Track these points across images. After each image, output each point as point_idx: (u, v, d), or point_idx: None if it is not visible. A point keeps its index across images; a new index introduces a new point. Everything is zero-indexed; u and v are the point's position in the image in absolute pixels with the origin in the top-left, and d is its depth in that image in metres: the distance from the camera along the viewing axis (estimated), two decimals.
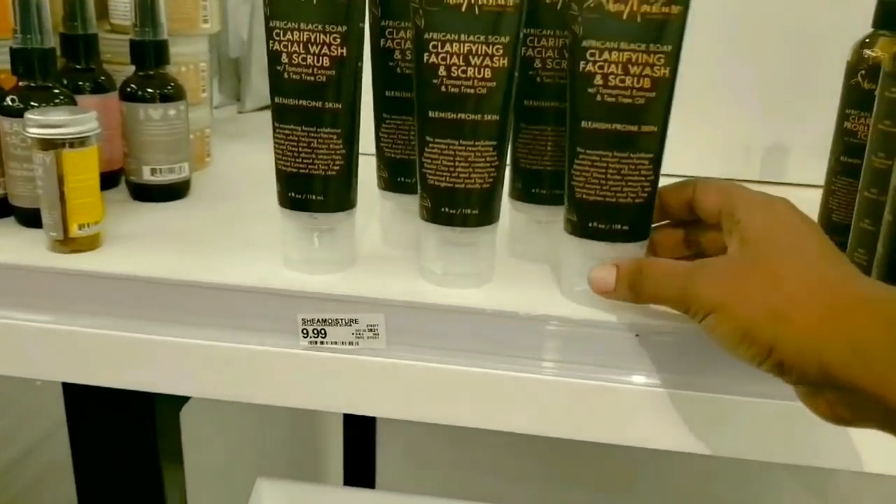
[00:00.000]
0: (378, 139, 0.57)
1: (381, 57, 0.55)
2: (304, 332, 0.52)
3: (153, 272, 0.53)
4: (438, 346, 0.52)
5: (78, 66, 0.64)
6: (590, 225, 0.50)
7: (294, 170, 0.51)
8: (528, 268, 0.57)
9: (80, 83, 0.63)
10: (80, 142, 0.52)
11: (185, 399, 0.61)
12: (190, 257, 0.55)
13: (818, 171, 0.61)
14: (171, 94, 0.63)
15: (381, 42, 0.55)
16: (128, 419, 0.59)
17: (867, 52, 0.56)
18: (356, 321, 0.52)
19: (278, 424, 1.10)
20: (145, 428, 0.59)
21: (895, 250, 0.49)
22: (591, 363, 0.51)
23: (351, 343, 0.52)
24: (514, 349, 0.51)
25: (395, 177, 0.57)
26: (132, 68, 0.64)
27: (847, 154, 0.58)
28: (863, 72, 0.56)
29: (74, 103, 0.57)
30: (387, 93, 0.56)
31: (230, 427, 1.03)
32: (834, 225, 0.59)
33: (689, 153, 0.70)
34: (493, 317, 0.51)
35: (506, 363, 0.52)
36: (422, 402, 0.53)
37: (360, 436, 1.04)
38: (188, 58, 0.70)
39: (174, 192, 0.66)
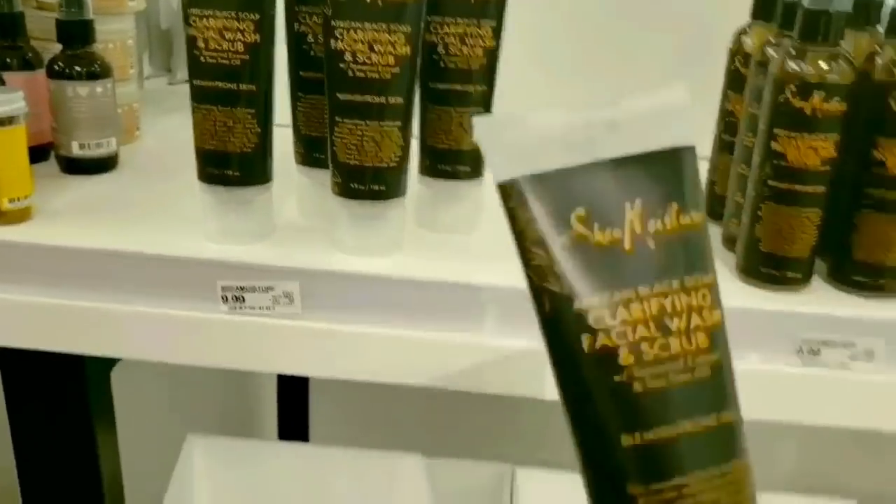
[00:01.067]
0: (294, 117, 0.61)
1: (296, 40, 0.59)
2: (224, 298, 0.56)
3: (81, 243, 0.57)
4: (350, 310, 0.56)
5: (5, 44, 0.66)
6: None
7: (212, 147, 0.54)
8: (435, 238, 0.61)
9: (8, 60, 0.66)
10: (7, 120, 0.55)
11: (115, 360, 0.65)
12: (116, 228, 0.59)
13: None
14: (97, 72, 0.66)
15: (296, 26, 0.58)
16: (59, 381, 0.62)
17: (744, 39, 0.62)
18: (272, 288, 0.56)
19: (211, 383, 1.14)
20: (77, 389, 0.62)
21: (755, 221, 0.55)
22: (487, 323, 0.56)
23: (268, 308, 0.56)
24: (419, 312, 0.56)
25: (311, 153, 0.61)
26: (60, 45, 0.66)
27: (727, 132, 0.63)
28: (740, 58, 0.61)
29: (2, 82, 0.60)
30: (301, 73, 0.59)
31: (162, 387, 1.06)
32: (716, 197, 0.64)
33: None
34: (400, 283, 0.55)
35: (411, 325, 0.56)
36: (334, 361, 0.57)
37: (293, 393, 1.09)
38: (115, 35, 0.72)
39: (102, 165, 0.68)
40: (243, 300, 0.56)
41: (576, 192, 0.33)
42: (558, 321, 0.33)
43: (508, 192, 0.33)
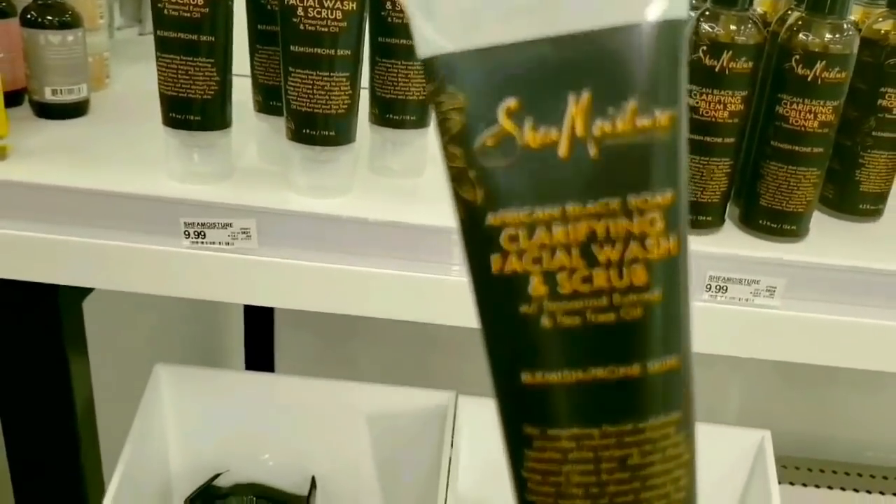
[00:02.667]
0: (252, 67, 0.66)
1: None
2: (186, 233, 0.61)
3: (55, 181, 0.61)
4: (303, 246, 0.61)
5: None
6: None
7: (174, 93, 0.59)
8: (385, 182, 0.66)
9: None
10: None
11: (87, 291, 0.70)
12: (87, 168, 0.63)
13: None
14: (68, 21, 0.70)
15: None
16: (34, 310, 0.67)
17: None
18: (231, 225, 0.61)
19: (180, 317, 1.19)
20: (50, 317, 0.67)
21: None
22: (428, 259, 0.61)
23: (227, 243, 0.61)
24: (366, 249, 0.61)
25: (268, 100, 0.66)
26: None
27: None
28: None
29: None
30: (259, 26, 0.64)
31: (132, 317, 1.11)
32: None
33: None
34: (348, 222, 0.61)
35: (359, 261, 0.61)
36: (287, 293, 0.62)
37: (259, 327, 1.15)
38: None
39: (74, 110, 0.73)
40: (204, 235, 0.61)
41: (509, 76, 0.26)
42: (470, 236, 0.28)
43: (430, 72, 0.27)
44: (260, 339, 1.16)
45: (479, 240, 0.27)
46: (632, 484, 0.28)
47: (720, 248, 0.60)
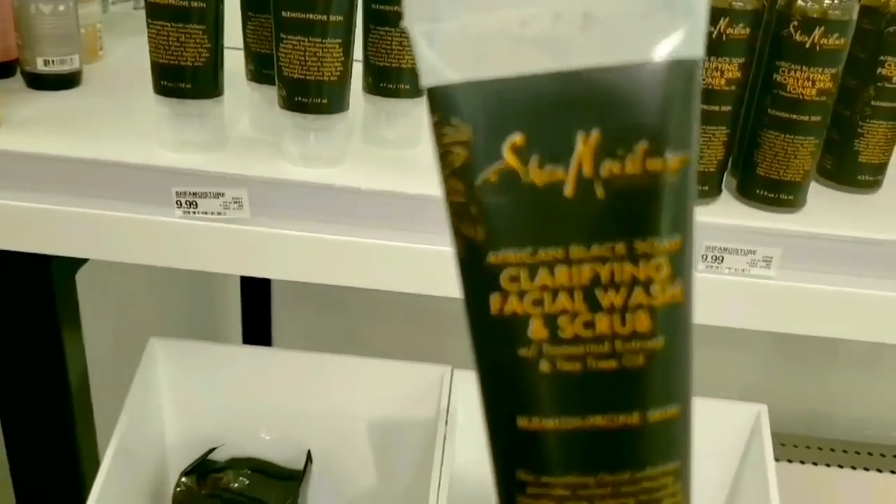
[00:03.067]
0: (245, 35, 0.65)
1: None
2: (178, 203, 0.61)
3: (47, 150, 0.61)
4: (295, 217, 0.61)
5: None
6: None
7: (165, 61, 0.58)
8: (379, 153, 0.66)
9: None
10: None
11: (80, 262, 0.70)
12: (79, 138, 0.63)
13: None
14: None
15: None
16: (26, 281, 0.67)
17: None
18: (223, 194, 0.60)
19: (176, 291, 1.19)
20: (43, 289, 0.67)
21: None
22: (423, 230, 0.61)
23: (219, 213, 0.61)
24: (360, 219, 0.61)
25: (261, 69, 0.65)
26: None
27: None
28: None
29: None
30: None
31: (128, 292, 1.11)
32: None
33: None
34: (341, 192, 0.60)
35: (352, 231, 0.61)
36: (279, 263, 0.62)
37: (257, 301, 1.15)
38: None
39: (66, 81, 0.72)
40: (196, 205, 0.61)
41: (516, 110, 0.25)
42: (469, 274, 0.27)
43: (434, 103, 0.26)
44: (257, 313, 1.16)
45: (478, 278, 0.26)
46: None
47: (716, 218, 0.60)
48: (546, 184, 0.25)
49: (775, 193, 0.61)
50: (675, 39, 0.24)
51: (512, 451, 0.28)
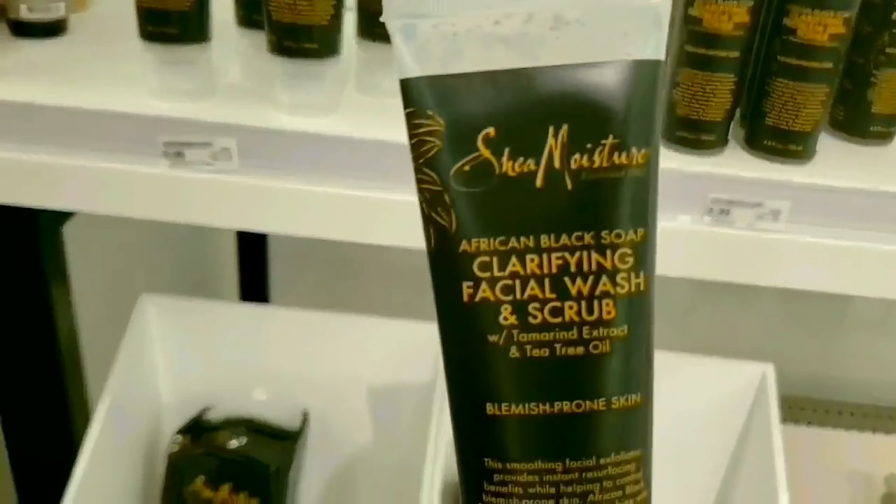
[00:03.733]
0: None
1: None
2: (165, 153, 0.59)
3: (31, 99, 0.59)
4: (286, 167, 0.59)
5: None
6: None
7: (150, 5, 0.56)
8: (372, 101, 0.64)
9: None
10: None
11: (66, 216, 0.68)
12: (63, 87, 0.61)
13: None
14: None
15: None
16: (11, 235, 0.65)
17: None
18: (210, 144, 0.58)
19: (169, 247, 1.17)
20: (29, 242, 0.65)
21: (672, 86, 0.57)
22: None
23: (207, 164, 0.59)
24: (353, 170, 0.59)
25: (250, 14, 0.63)
26: None
27: None
28: None
29: None
30: None
31: (120, 249, 1.09)
32: None
33: None
34: (334, 141, 0.58)
35: (345, 183, 0.59)
36: (269, 216, 0.60)
37: (252, 259, 1.13)
38: None
39: (51, 29, 0.70)
40: (183, 155, 0.59)
41: (490, 104, 0.26)
42: (441, 263, 0.27)
43: (409, 94, 0.27)
44: (253, 273, 1.14)
45: (450, 267, 0.27)
46: None
47: (723, 170, 0.57)
48: (518, 175, 0.26)
49: (784, 144, 0.58)
50: (639, 42, 0.26)
51: (479, 439, 0.28)
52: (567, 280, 0.27)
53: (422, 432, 0.75)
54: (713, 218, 0.58)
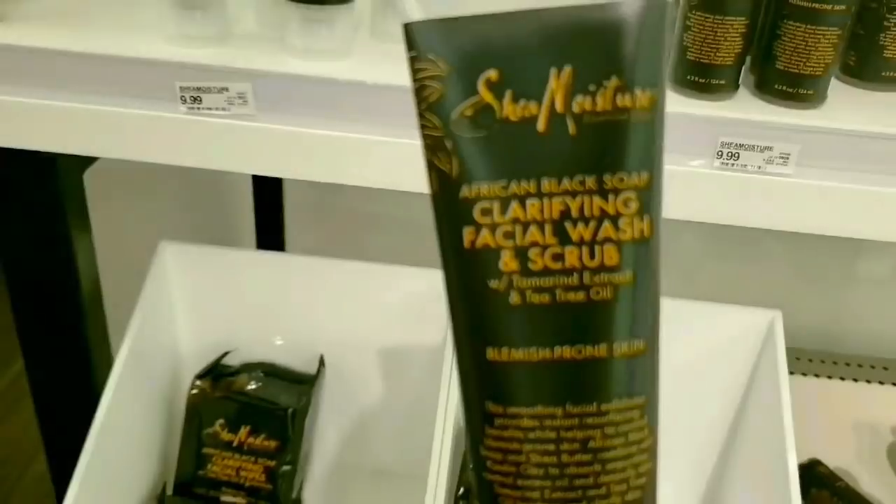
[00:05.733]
0: None
1: None
2: (183, 98, 0.60)
3: (48, 44, 0.59)
4: (300, 112, 0.60)
5: None
6: None
7: None
8: (387, 47, 0.64)
9: None
10: None
11: (87, 162, 0.69)
12: (82, 32, 0.62)
13: None
14: None
15: None
16: (32, 180, 0.66)
17: None
18: (227, 89, 0.59)
19: (187, 200, 1.19)
20: (50, 188, 0.67)
21: (683, 30, 0.58)
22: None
23: (223, 109, 0.60)
24: (367, 115, 0.59)
25: None
26: None
27: None
28: None
29: None
30: None
31: (139, 199, 1.11)
32: None
33: None
34: (348, 86, 0.59)
35: (359, 128, 0.60)
36: (286, 161, 0.61)
37: (269, 209, 1.15)
38: None
39: None
40: (200, 101, 0.60)
41: (491, 47, 0.26)
42: (443, 208, 0.27)
43: (411, 39, 0.26)
44: (270, 223, 1.16)
45: (451, 212, 0.27)
46: (592, 466, 0.28)
47: (732, 113, 0.58)
48: (520, 118, 0.26)
49: (794, 88, 0.59)
50: None
51: (481, 383, 0.28)
52: (568, 225, 0.26)
53: (436, 377, 0.77)
54: (723, 161, 0.59)
